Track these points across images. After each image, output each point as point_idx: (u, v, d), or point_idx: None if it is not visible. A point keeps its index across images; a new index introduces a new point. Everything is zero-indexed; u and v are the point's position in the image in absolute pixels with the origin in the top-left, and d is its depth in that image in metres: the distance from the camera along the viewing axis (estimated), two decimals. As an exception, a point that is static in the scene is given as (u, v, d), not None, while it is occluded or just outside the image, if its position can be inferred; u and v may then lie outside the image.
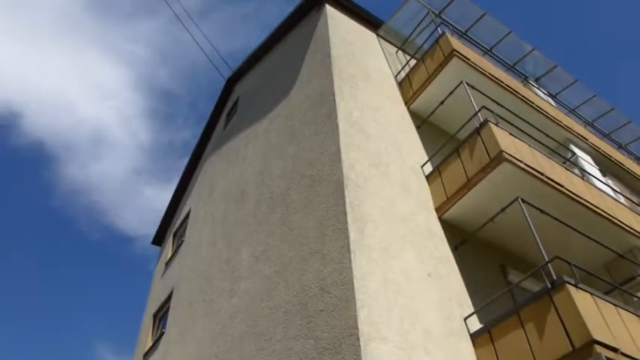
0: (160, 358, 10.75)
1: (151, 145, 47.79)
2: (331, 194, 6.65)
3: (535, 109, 10.18)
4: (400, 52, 11.28)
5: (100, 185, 43.46)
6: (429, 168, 8.23)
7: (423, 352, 5.26)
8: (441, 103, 9.09)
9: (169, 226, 16.18)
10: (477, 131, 7.61)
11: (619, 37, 38.30)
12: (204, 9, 46.61)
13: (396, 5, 11.30)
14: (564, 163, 9.46)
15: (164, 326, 11.55)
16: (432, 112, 9.29)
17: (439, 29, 10.28)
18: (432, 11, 11.19)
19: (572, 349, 4.92)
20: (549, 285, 5.42)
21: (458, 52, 9.24)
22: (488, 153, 7.18)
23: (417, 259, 6.41)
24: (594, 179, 9.49)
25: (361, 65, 9.51)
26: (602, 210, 7.89)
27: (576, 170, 9.50)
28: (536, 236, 6.03)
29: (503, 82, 9.79)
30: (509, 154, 7.01)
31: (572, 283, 5.35)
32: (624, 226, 8.10)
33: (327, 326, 5.43)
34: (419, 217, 7.12)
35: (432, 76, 9.42)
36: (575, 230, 7.05)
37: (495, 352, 5.62)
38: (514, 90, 9.96)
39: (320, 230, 6.49)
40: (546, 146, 9.40)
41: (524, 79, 13.34)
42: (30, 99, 40.64)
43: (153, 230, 19.25)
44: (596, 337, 4.85)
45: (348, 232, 5.91)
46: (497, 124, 7.66)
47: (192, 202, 14.27)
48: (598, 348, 4.78)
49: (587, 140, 11.35)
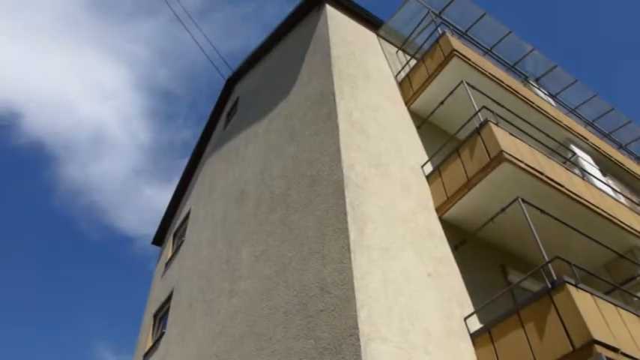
0: (160, 358, 10.75)
1: (151, 145, 47.84)
2: (331, 194, 6.65)
3: (535, 109, 10.18)
4: (400, 52, 11.28)
5: (100, 185, 43.50)
6: (429, 168, 8.23)
7: (423, 352, 5.26)
8: (441, 103, 9.09)
9: (169, 226, 16.18)
10: (477, 131, 7.61)
11: (619, 37, 38.33)
12: (204, 9, 46.65)
13: (396, 5, 11.32)
14: (564, 163, 9.45)
15: (164, 326, 11.55)
16: (432, 112, 9.29)
17: (439, 29, 10.28)
18: (432, 11, 11.19)
19: (572, 349, 4.92)
20: (549, 285, 5.42)
21: (458, 52, 9.24)
22: (488, 153, 7.18)
23: (417, 259, 6.41)
24: (594, 179, 9.49)
25: (361, 65, 9.51)
26: (603, 210, 7.89)
27: (576, 170, 9.50)
28: (537, 236, 6.02)
29: (503, 82, 9.78)
30: (509, 154, 7.01)
31: (573, 283, 5.35)
32: (624, 226, 8.10)
33: (327, 326, 5.42)
34: (419, 217, 7.12)
35: (432, 76, 9.42)
36: (576, 230, 7.05)
37: (495, 352, 5.62)
38: (514, 90, 9.96)
39: (320, 230, 6.49)
40: (546, 146, 9.40)
41: (524, 79, 13.34)
42: (30, 99, 40.70)
43: (153, 230, 19.29)
44: (597, 337, 4.84)
45: (348, 232, 5.91)
46: (497, 124, 7.66)
47: (192, 202, 14.26)
48: (598, 348, 4.78)
49: (587, 140, 11.35)
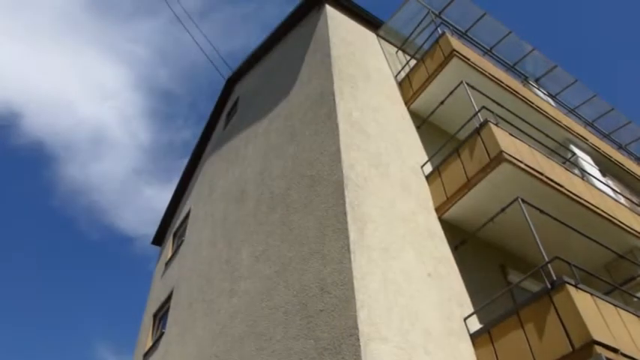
0: (160, 358, 10.75)
1: (151, 145, 47.83)
2: (331, 194, 6.65)
3: (535, 109, 10.18)
4: (400, 52, 11.28)
5: (100, 185, 43.49)
6: (429, 168, 8.23)
7: (423, 352, 5.26)
8: (441, 103, 9.09)
9: (169, 226, 16.18)
10: (477, 131, 7.61)
11: (619, 37, 38.33)
12: (204, 9, 46.64)
13: (396, 5, 11.32)
14: (564, 163, 9.46)
15: (164, 326, 11.55)
16: (432, 112, 9.29)
17: (439, 29, 10.28)
18: (432, 11, 11.19)
19: (572, 349, 4.92)
20: (549, 285, 5.42)
21: (458, 52, 9.24)
22: (488, 153, 7.18)
23: (417, 259, 6.41)
24: (594, 179, 9.49)
25: (361, 65, 9.51)
26: (602, 210, 7.90)
27: (576, 170, 9.50)
28: (536, 236, 6.03)
29: (503, 83, 9.79)
30: (509, 154, 7.01)
31: (572, 283, 5.35)
32: (624, 227, 8.10)
33: (327, 326, 5.43)
34: (419, 217, 7.12)
35: (432, 76, 9.42)
36: (575, 230, 7.05)
37: (495, 352, 5.62)
38: (514, 90, 9.96)
39: (320, 230, 6.49)
40: (546, 146, 9.41)
41: (524, 79, 13.34)
42: (30, 99, 40.69)
43: (153, 230, 19.27)
44: (596, 337, 4.85)
45: (348, 232, 5.91)
46: (497, 124, 7.66)
47: (192, 202, 14.27)
48: (598, 348, 4.78)
49: (587, 140, 11.35)
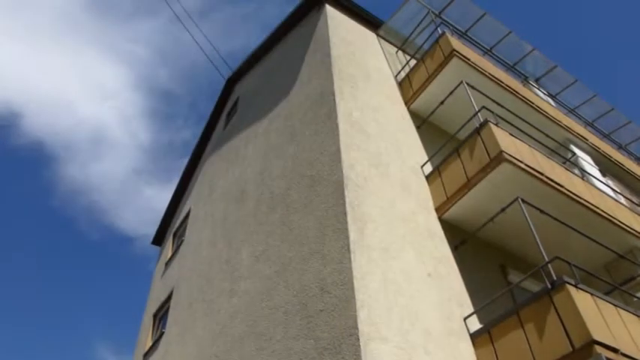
0: (160, 358, 10.75)
1: (151, 145, 47.83)
2: (331, 194, 6.65)
3: (535, 109, 10.18)
4: (400, 52, 11.28)
5: (100, 185, 43.49)
6: (429, 168, 8.23)
7: (422, 352, 5.26)
8: (441, 103, 9.09)
9: (169, 226, 16.18)
10: (477, 131, 7.61)
11: (619, 37, 38.33)
12: (204, 9, 46.64)
13: (396, 5, 11.32)
14: (564, 163, 9.45)
15: (164, 326, 11.55)
16: (432, 112, 9.29)
17: (439, 29, 10.28)
18: (432, 11, 11.19)
19: (572, 349, 4.92)
20: (549, 285, 5.42)
21: (458, 52, 9.24)
22: (488, 153, 7.18)
23: (417, 259, 6.41)
24: (594, 179, 9.49)
25: (361, 65, 9.51)
26: (602, 210, 7.89)
27: (576, 170, 9.50)
28: (536, 236, 6.03)
29: (503, 83, 9.78)
30: (509, 154, 7.01)
31: (572, 283, 5.35)
32: (624, 227, 8.10)
33: (327, 326, 5.43)
34: (419, 217, 7.12)
35: (432, 76, 9.42)
36: (575, 230, 7.05)
37: (495, 352, 5.62)
38: (514, 90, 9.96)
39: (320, 230, 6.49)
40: (546, 146, 9.40)
41: (524, 79, 13.34)
42: (30, 99, 40.69)
43: (153, 230, 19.27)
44: (596, 337, 4.85)
45: (348, 232, 5.91)
46: (497, 124, 7.66)
47: (192, 202, 14.26)
48: (598, 348, 4.78)
49: (587, 140, 11.35)
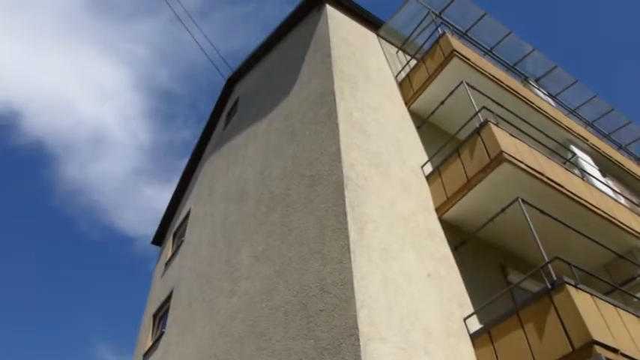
0: (160, 358, 10.75)
1: (151, 145, 47.82)
2: (331, 194, 6.65)
3: (535, 109, 10.18)
4: (400, 53, 11.28)
5: (100, 185, 43.49)
6: (429, 168, 8.23)
7: (422, 352, 5.26)
8: (442, 103, 9.09)
9: (169, 226, 16.18)
10: (477, 131, 7.61)
11: (619, 37, 38.34)
12: (204, 9, 46.63)
13: (396, 5, 11.32)
14: (564, 163, 9.45)
15: (164, 326, 11.55)
16: (433, 113, 9.29)
17: (439, 29, 10.28)
18: (432, 11, 11.19)
19: (571, 349, 4.92)
20: (549, 285, 5.42)
21: (458, 52, 9.24)
22: (488, 153, 7.18)
23: (417, 259, 6.41)
24: (594, 180, 9.49)
25: (361, 65, 9.51)
26: (602, 210, 7.89)
27: (576, 171, 9.50)
28: (536, 236, 6.02)
29: (503, 83, 9.78)
30: (509, 154, 7.01)
31: (572, 283, 5.35)
32: (624, 227, 8.10)
33: (327, 326, 5.43)
34: (419, 218, 7.12)
35: (432, 77, 9.42)
36: (575, 231, 7.04)
37: (495, 352, 5.62)
38: (514, 90, 9.96)
39: (320, 230, 6.49)
40: (546, 147, 9.40)
41: (524, 79, 13.34)
42: (30, 99, 40.70)
43: (153, 230, 19.25)
44: (596, 337, 4.85)
45: (348, 232, 5.91)
46: (497, 124, 7.66)
47: (192, 202, 14.26)
48: (598, 349, 4.78)
49: (587, 141, 11.35)
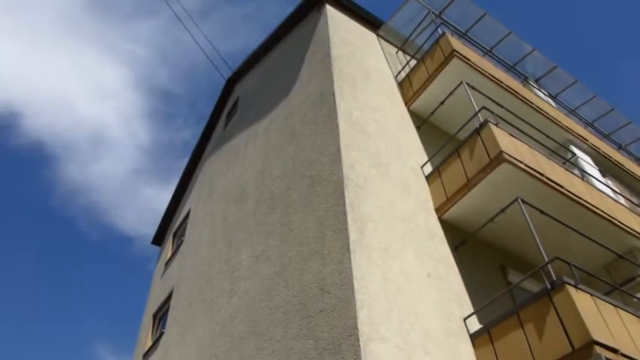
0: (160, 358, 10.75)
1: (151, 145, 47.81)
2: (331, 194, 6.65)
3: (535, 109, 10.18)
4: (400, 53, 11.28)
5: (100, 185, 43.49)
6: (428, 168, 8.23)
7: (422, 353, 5.26)
8: (441, 103, 9.09)
9: (169, 226, 16.18)
10: (477, 132, 7.61)
11: (619, 37, 38.34)
12: (204, 9, 46.64)
13: (396, 5, 11.32)
14: (564, 163, 9.46)
15: (164, 326, 11.55)
16: (432, 113, 9.29)
17: (439, 29, 10.28)
18: (432, 12, 11.19)
19: (571, 349, 4.92)
20: (549, 285, 5.42)
21: (458, 52, 9.24)
22: (488, 153, 7.18)
23: (417, 259, 6.41)
24: (594, 180, 9.49)
25: (361, 65, 9.51)
26: (602, 211, 7.89)
27: (576, 171, 9.50)
28: (536, 237, 6.02)
29: (503, 83, 9.78)
30: (509, 154, 7.01)
31: (572, 283, 5.35)
32: (624, 227, 8.10)
33: (327, 326, 5.43)
34: (419, 218, 7.12)
35: (432, 77, 9.42)
36: (575, 231, 7.04)
37: (495, 352, 5.62)
38: (514, 90, 9.96)
39: (320, 230, 6.49)
40: (546, 147, 9.40)
41: (524, 79, 13.34)
42: (30, 99, 40.70)
43: (153, 230, 19.27)
44: (596, 337, 4.85)
45: (348, 232, 5.91)
46: (497, 124, 7.66)
47: (192, 202, 14.26)
48: (598, 349, 4.78)
49: (587, 141, 11.35)
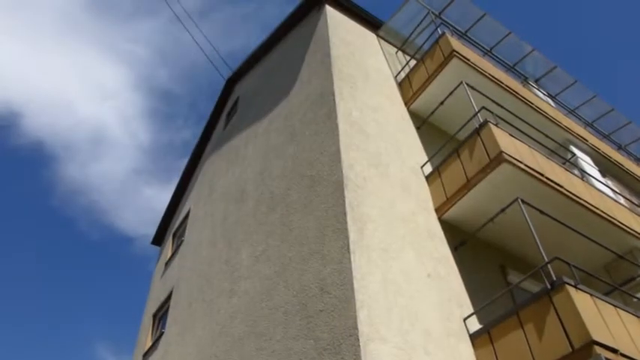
0: (160, 358, 10.75)
1: (151, 145, 47.81)
2: (331, 194, 6.65)
3: (535, 109, 10.18)
4: (400, 53, 11.28)
5: (100, 185, 43.48)
6: (428, 168, 8.23)
7: (422, 353, 5.26)
8: (441, 103, 9.09)
9: (169, 226, 16.18)
10: (477, 132, 7.61)
11: (619, 37, 38.35)
12: (204, 9, 46.63)
13: (396, 5, 11.32)
14: (564, 163, 9.46)
15: (164, 326, 11.55)
16: (432, 113, 9.29)
17: (439, 30, 10.28)
18: (432, 12, 11.19)
19: (571, 349, 4.92)
20: (549, 286, 5.42)
21: (458, 52, 9.24)
22: (487, 154, 7.18)
23: (417, 259, 6.41)
24: (594, 180, 9.49)
25: (361, 65, 9.51)
26: (602, 211, 7.89)
27: (576, 171, 9.50)
28: (536, 237, 6.02)
29: (503, 83, 9.78)
30: (508, 154, 7.01)
31: (572, 283, 5.35)
32: (624, 227, 8.10)
33: (327, 326, 5.43)
34: (419, 218, 7.12)
35: (431, 77, 9.42)
36: (575, 231, 7.05)
37: (495, 352, 5.62)
38: (514, 91, 9.96)
39: (320, 230, 6.49)
40: (546, 147, 9.40)
41: (524, 79, 13.34)
42: (30, 99, 40.69)
43: (153, 230, 19.26)
44: (596, 337, 4.85)
45: (347, 233, 5.91)
46: (497, 124, 7.66)
47: (192, 202, 14.26)
48: (597, 349, 4.79)
49: (586, 141, 11.35)
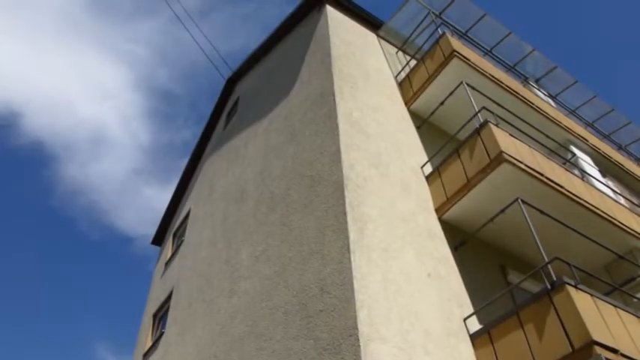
0: (160, 358, 10.75)
1: (151, 145, 47.81)
2: (331, 194, 6.65)
3: (535, 109, 10.18)
4: (400, 53, 11.28)
5: (100, 185, 43.48)
6: (428, 168, 8.23)
7: (422, 353, 5.26)
8: (441, 103, 9.09)
9: (169, 226, 16.18)
10: (477, 132, 7.61)
11: (619, 37, 38.35)
12: (204, 9, 46.63)
13: (397, 6, 11.32)
14: (564, 164, 9.45)
15: (164, 326, 11.55)
16: (432, 113, 9.29)
17: (439, 30, 10.28)
18: (433, 12, 11.19)
19: (571, 350, 4.92)
20: (549, 286, 5.42)
21: (458, 52, 9.24)
22: (488, 154, 7.18)
23: (417, 259, 6.41)
24: (594, 180, 9.48)
25: (361, 65, 9.51)
26: (602, 211, 7.89)
27: (576, 171, 9.49)
28: (536, 237, 6.02)
29: (503, 83, 9.78)
30: (509, 154, 7.01)
31: (572, 284, 5.35)
32: (624, 227, 8.10)
33: (327, 326, 5.43)
34: (419, 218, 7.12)
35: (432, 77, 9.42)
36: (575, 231, 7.04)
37: (495, 352, 5.62)
38: (514, 91, 9.96)
39: (320, 230, 6.49)
40: (546, 147, 9.40)
41: (524, 79, 13.34)
42: (30, 99, 40.70)
43: (153, 230, 19.28)
44: (596, 338, 4.85)
45: (347, 233, 5.91)
46: (497, 124, 7.66)
47: (192, 202, 14.26)
48: (598, 349, 4.78)
49: (587, 141, 11.35)
